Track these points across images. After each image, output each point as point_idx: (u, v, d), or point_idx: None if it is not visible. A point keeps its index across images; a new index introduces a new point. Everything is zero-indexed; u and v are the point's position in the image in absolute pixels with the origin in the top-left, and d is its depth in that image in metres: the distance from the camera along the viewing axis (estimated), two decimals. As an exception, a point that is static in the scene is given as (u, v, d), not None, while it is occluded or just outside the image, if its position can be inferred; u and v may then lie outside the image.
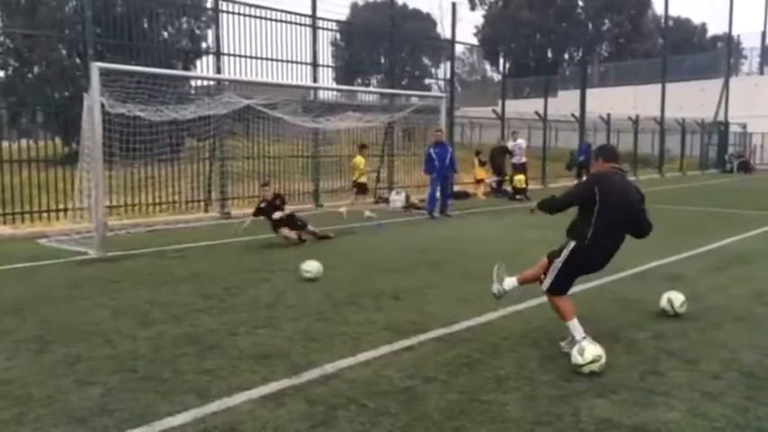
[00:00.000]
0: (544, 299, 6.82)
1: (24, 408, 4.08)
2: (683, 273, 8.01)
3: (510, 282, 5.67)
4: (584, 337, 4.81)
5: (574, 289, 7.28)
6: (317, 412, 4.02)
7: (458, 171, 16.17)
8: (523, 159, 20.14)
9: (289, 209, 10.83)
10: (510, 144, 20.64)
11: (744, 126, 37.60)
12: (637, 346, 5.27)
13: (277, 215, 10.52)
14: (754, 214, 14.79)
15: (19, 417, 3.96)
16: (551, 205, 5.16)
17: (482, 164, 20.14)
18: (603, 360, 4.67)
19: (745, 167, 34.56)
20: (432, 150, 14.61)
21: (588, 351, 4.67)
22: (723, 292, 7.23)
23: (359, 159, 14.85)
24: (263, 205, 10.85)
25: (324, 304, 6.65)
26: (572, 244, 5.00)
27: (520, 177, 19.36)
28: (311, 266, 7.83)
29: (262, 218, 10.70)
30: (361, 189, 14.98)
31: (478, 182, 20.22)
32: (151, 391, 4.35)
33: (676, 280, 7.54)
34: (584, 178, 5.69)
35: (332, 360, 4.92)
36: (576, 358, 4.67)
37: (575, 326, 4.98)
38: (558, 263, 5.04)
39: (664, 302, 6.18)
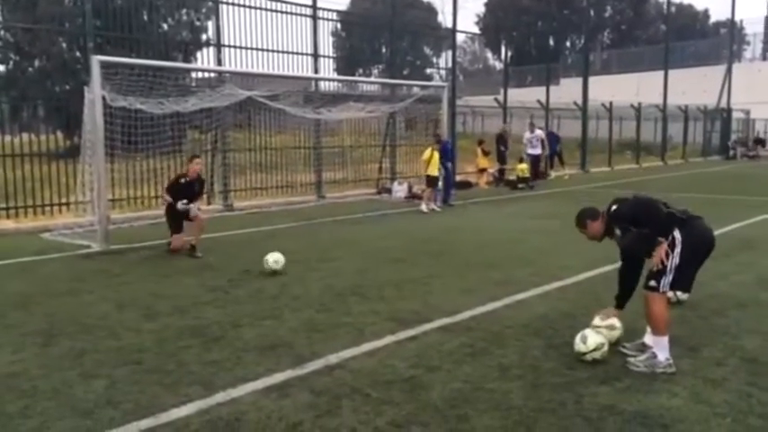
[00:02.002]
0: (547, 288, 6.88)
1: (30, 400, 4.11)
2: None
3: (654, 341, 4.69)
4: (668, 359, 4.50)
5: (578, 276, 7.35)
6: (322, 402, 4.04)
7: (452, 160, 16.08)
8: (539, 151, 20.02)
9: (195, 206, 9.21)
10: (527, 135, 20.36)
11: (747, 112, 37.44)
12: (639, 333, 5.26)
13: (182, 206, 8.97)
14: (758, 200, 14.76)
15: (25, 409, 3.99)
16: (663, 221, 4.60)
17: (485, 153, 20.09)
18: (606, 348, 4.69)
19: (762, 143, 35.31)
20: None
21: (591, 339, 4.68)
22: (726, 278, 7.23)
23: (427, 152, 14.40)
24: (182, 181, 9.22)
25: (327, 295, 6.67)
26: (676, 233, 4.54)
27: (522, 167, 19.32)
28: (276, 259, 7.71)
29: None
30: (428, 182, 14.28)
31: (481, 171, 20.19)
32: (156, 383, 4.38)
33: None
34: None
35: (336, 350, 4.94)
36: (579, 346, 4.68)
37: (664, 344, 4.54)
38: (676, 257, 4.51)
39: (667, 290, 6.17)
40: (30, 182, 12.09)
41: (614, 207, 4.76)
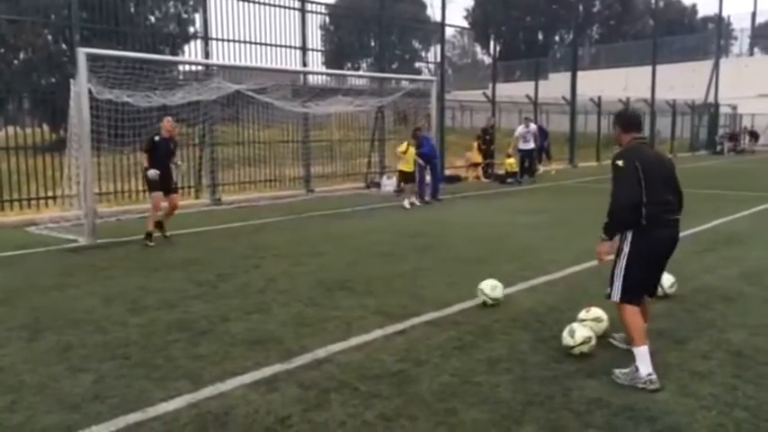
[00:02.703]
0: (534, 282, 6.91)
1: (16, 395, 4.08)
2: (673, 254, 8.04)
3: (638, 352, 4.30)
4: (649, 375, 4.16)
5: (565, 271, 7.37)
6: (310, 396, 4.03)
7: (437, 157, 16.08)
8: (532, 145, 19.12)
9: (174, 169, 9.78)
10: (521, 129, 19.35)
11: (734, 107, 37.72)
12: (627, 326, 5.31)
13: (152, 174, 9.24)
14: (744, 195, 14.88)
15: (11, 404, 3.96)
16: (617, 220, 4.36)
17: (480, 149, 20.08)
18: (594, 341, 4.71)
19: (755, 136, 35.95)
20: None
21: (578, 332, 4.70)
22: (712, 272, 7.29)
23: (403, 146, 14.11)
24: (156, 139, 9.40)
25: (315, 289, 6.66)
26: (629, 234, 4.35)
27: (510, 161, 19.35)
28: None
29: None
30: (404, 178, 14.05)
31: (475, 165, 20.18)
32: (144, 377, 4.36)
33: (666, 261, 7.57)
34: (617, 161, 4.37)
35: (324, 344, 4.93)
36: (567, 340, 4.71)
37: (643, 355, 4.22)
38: (622, 260, 4.36)
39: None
40: (15, 175, 11.98)
41: (618, 162, 4.34)
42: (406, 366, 4.52)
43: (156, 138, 9.43)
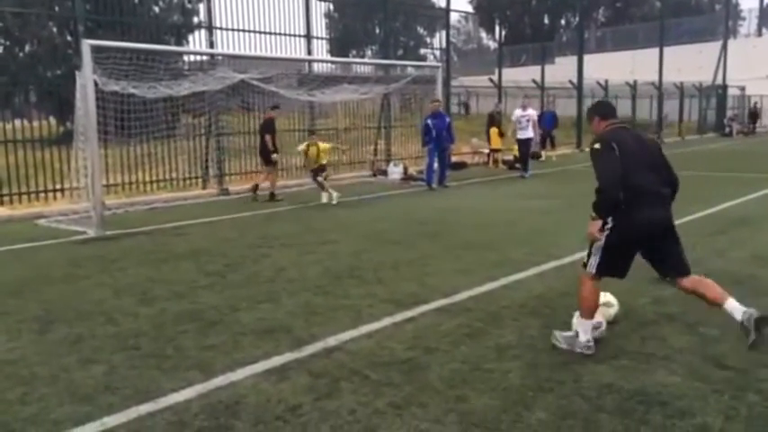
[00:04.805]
0: (543, 267, 6.90)
1: (28, 387, 4.10)
2: (682, 237, 7.99)
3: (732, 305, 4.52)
4: (588, 341, 4.40)
5: (574, 255, 7.33)
6: (321, 385, 4.04)
7: (455, 141, 16.02)
8: (530, 134, 16.67)
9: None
10: (518, 112, 17.09)
11: (742, 89, 37.39)
12: (636, 311, 5.29)
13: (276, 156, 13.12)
14: (754, 177, 14.77)
15: (23, 396, 3.98)
16: (605, 200, 4.34)
17: (501, 134, 19.94)
18: (604, 326, 4.69)
19: None
20: (429, 121, 14.51)
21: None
22: (723, 255, 7.24)
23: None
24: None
25: (324, 278, 6.66)
26: (612, 216, 4.39)
27: (518, 147, 19.19)
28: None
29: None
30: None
31: (496, 151, 20.00)
32: (155, 367, 4.37)
33: (676, 245, 7.51)
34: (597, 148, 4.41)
35: (334, 333, 4.94)
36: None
37: (586, 326, 4.46)
38: (602, 238, 4.40)
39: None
40: (23, 168, 12.02)
41: (596, 145, 4.43)
42: (416, 354, 4.52)
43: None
